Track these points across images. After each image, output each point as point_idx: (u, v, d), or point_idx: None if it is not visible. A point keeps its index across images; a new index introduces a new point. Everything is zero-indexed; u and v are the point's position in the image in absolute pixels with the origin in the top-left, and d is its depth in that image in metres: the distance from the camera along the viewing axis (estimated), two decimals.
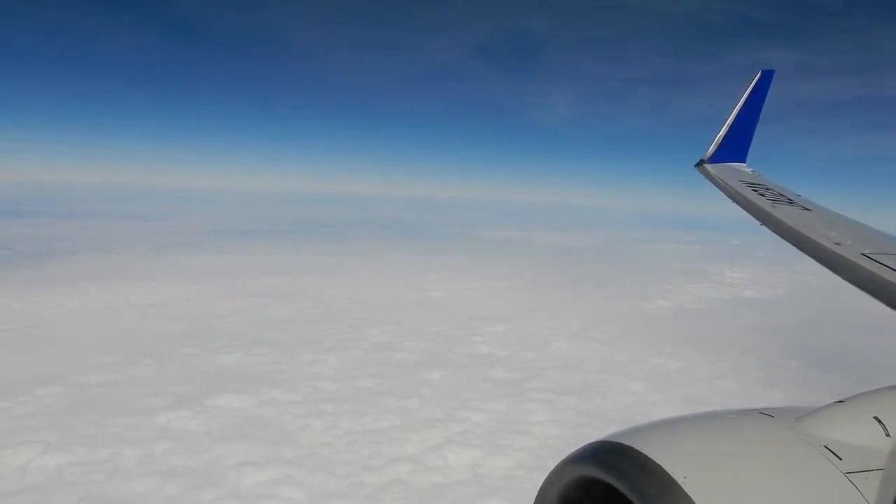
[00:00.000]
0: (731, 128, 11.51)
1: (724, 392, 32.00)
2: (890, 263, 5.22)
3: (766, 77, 11.66)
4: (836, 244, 6.01)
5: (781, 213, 7.82)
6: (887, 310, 4.51)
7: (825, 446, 2.00)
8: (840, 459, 1.95)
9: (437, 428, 27.88)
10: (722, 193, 9.66)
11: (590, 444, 2.12)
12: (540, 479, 2.34)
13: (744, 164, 11.41)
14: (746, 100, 11.55)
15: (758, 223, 7.90)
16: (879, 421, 2.12)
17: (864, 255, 5.52)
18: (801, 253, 6.30)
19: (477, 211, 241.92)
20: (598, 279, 72.42)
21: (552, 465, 2.30)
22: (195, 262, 69.75)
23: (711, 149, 11.41)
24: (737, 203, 8.92)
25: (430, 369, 35.91)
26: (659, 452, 1.92)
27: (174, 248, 79.30)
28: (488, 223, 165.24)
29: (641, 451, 1.94)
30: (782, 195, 9.05)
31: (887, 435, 2.07)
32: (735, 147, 11.49)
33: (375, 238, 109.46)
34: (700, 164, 11.29)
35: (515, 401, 31.54)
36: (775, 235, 7.17)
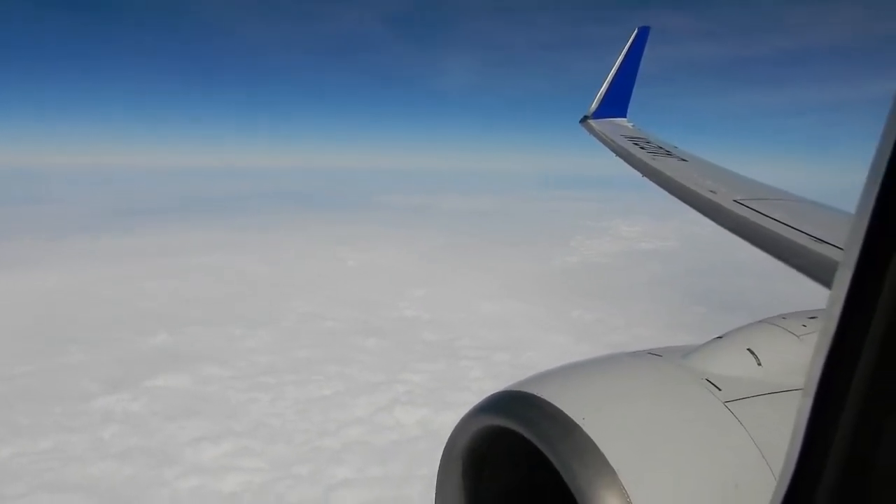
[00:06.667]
0: (612, 84, 11.88)
1: (641, 339, 34.70)
2: (759, 208, 5.55)
3: (643, 34, 12.18)
4: (711, 192, 6.29)
5: (661, 164, 8.12)
6: (763, 253, 4.78)
7: (706, 379, 2.16)
8: (719, 390, 2.11)
9: (381, 391, 28.97)
10: (607, 149, 9.93)
11: (493, 395, 2.18)
12: None
13: (625, 119, 11.84)
14: (625, 56, 11.98)
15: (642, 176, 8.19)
16: (752, 352, 2.30)
17: (736, 201, 5.88)
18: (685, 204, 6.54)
19: (381, 180, 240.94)
20: (507, 240, 74.96)
21: None
22: (100, 244, 66.64)
23: (594, 104, 11.77)
24: (620, 157, 9.16)
25: (362, 336, 36.79)
26: (559, 397, 1.99)
27: (74, 232, 75.20)
28: (394, 191, 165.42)
29: (542, 396, 2.02)
30: (661, 147, 9.37)
31: (759, 364, 2.27)
32: (616, 102, 11.90)
33: (280, 211, 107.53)
34: (584, 119, 11.64)
35: (451, 360, 33.06)
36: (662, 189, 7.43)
